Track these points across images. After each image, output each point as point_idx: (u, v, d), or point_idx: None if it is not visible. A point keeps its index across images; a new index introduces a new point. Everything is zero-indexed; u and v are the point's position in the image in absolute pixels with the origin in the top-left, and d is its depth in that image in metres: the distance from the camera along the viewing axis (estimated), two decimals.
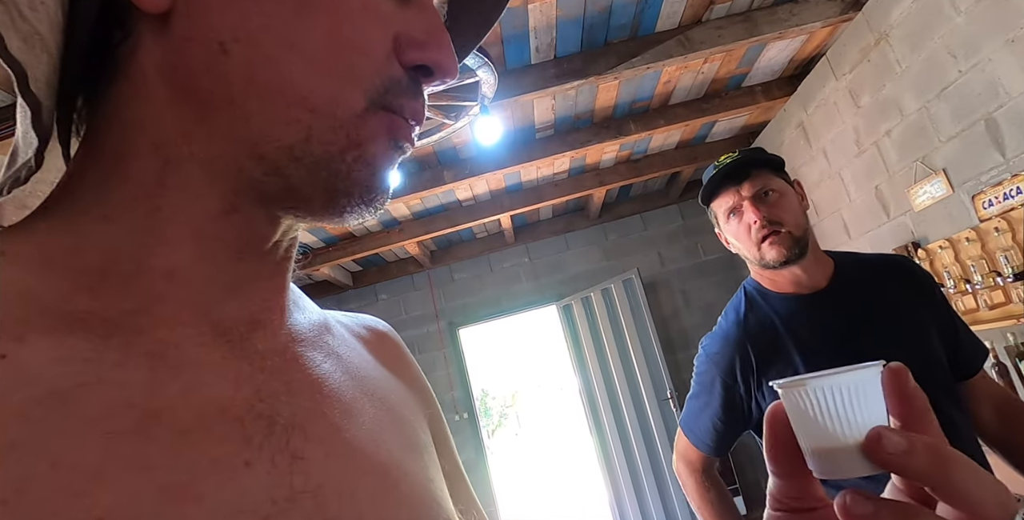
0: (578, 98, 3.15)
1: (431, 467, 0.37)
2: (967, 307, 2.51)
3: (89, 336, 0.26)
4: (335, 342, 0.37)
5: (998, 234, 2.26)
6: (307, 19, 0.28)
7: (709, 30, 2.68)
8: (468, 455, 4.98)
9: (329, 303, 5.27)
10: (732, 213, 1.15)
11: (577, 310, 4.94)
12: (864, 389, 0.27)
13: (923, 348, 1.08)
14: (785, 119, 3.74)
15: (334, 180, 0.29)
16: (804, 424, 0.28)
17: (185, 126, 0.28)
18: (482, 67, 1.93)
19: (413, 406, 0.40)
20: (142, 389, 0.26)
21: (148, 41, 0.28)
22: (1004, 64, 2.11)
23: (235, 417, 0.28)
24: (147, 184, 0.29)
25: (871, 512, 0.25)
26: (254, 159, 0.29)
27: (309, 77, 0.28)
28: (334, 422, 0.31)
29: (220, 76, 0.28)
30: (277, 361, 0.32)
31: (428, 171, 3.56)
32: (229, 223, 0.30)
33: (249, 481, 0.26)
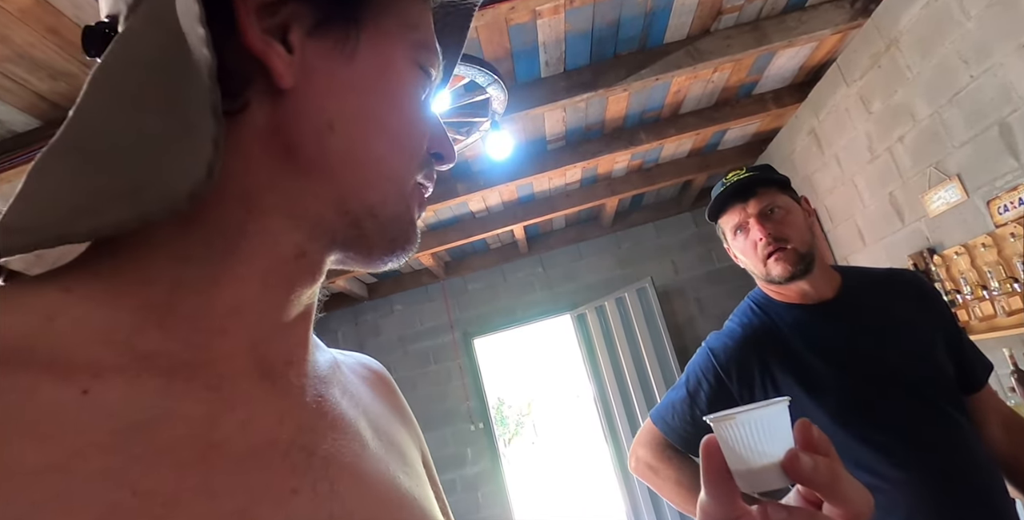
0: (588, 110, 3.18)
1: (431, 496, 0.41)
2: (985, 314, 2.49)
3: (157, 371, 0.28)
4: (346, 381, 0.41)
5: (1014, 239, 2.24)
6: (393, 111, 0.37)
7: (718, 40, 2.70)
8: (484, 465, 4.98)
9: (346, 314, 5.32)
10: (739, 230, 1.17)
11: (591, 319, 4.94)
12: (777, 420, 0.35)
13: (929, 360, 1.08)
14: (797, 126, 3.74)
15: (396, 234, 0.37)
16: (733, 448, 0.35)
17: (277, 182, 0.33)
18: (492, 84, 1.96)
19: (409, 442, 0.44)
20: (204, 422, 0.29)
21: (257, 109, 0.33)
22: (1016, 69, 2.10)
23: (282, 449, 0.31)
24: (228, 229, 0.32)
25: (785, 516, 0.33)
26: (339, 214, 0.35)
27: (391, 155, 0.36)
28: (357, 454, 0.35)
29: (323, 148, 0.34)
30: (309, 397, 0.35)
31: (441, 184, 3.60)
32: (296, 265, 0.34)
33: (297, 507, 0.29)
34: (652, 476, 1.19)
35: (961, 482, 1.00)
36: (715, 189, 1.21)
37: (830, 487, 0.33)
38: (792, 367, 1.08)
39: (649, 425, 1.22)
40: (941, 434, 1.03)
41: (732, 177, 1.18)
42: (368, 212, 0.36)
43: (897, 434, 1.03)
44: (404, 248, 0.38)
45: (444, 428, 5.07)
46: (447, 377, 5.16)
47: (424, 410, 5.10)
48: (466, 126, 2.29)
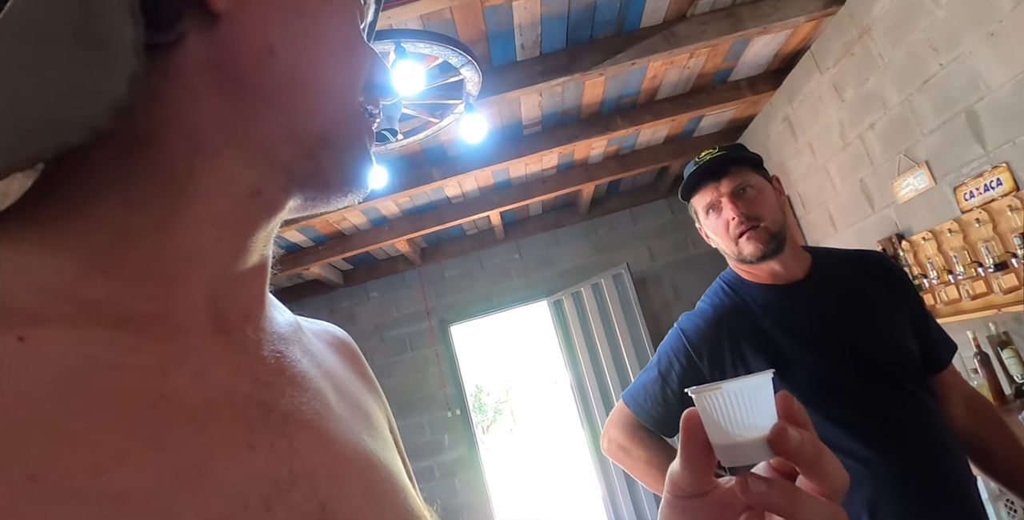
0: (565, 94, 3.16)
1: (397, 459, 0.40)
2: (950, 298, 2.55)
3: (104, 321, 0.27)
4: (308, 341, 0.40)
5: (979, 225, 2.29)
6: (332, 30, 0.35)
7: (693, 25, 2.69)
8: (461, 451, 5.00)
9: (321, 302, 5.26)
10: (711, 209, 1.17)
11: (568, 305, 4.96)
12: (761, 392, 0.34)
13: (896, 339, 1.10)
14: (771, 113, 3.77)
15: (350, 164, 0.36)
16: (716, 421, 0.34)
17: (224, 116, 0.31)
18: (466, 65, 1.93)
19: (374, 405, 0.43)
20: (154, 373, 0.27)
21: (193, 40, 0.31)
22: (984, 57, 2.13)
23: (238, 403, 0.29)
24: (176, 170, 0.30)
25: (765, 490, 0.32)
26: (292, 144, 0.33)
27: (336, 76, 0.35)
28: (318, 412, 0.33)
29: (267, 74, 0.32)
30: (266, 352, 0.34)
31: (416, 169, 3.56)
32: (252, 205, 0.33)
33: (253, 463, 0.28)
34: (624, 457, 1.19)
35: (925, 460, 1.02)
36: (687, 168, 1.21)
37: (814, 462, 0.33)
38: (762, 347, 1.09)
39: (621, 406, 1.22)
40: (907, 413, 1.05)
41: (705, 156, 1.18)
42: (320, 139, 0.34)
43: (864, 413, 1.04)
44: (363, 177, 0.37)
45: (421, 415, 5.07)
46: (424, 364, 5.15)
47: (401, 397, 5.09)
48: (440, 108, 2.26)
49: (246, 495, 0.26)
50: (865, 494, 1.00)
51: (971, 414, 1.16)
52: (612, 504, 4.71)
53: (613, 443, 1.22)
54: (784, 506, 0.32)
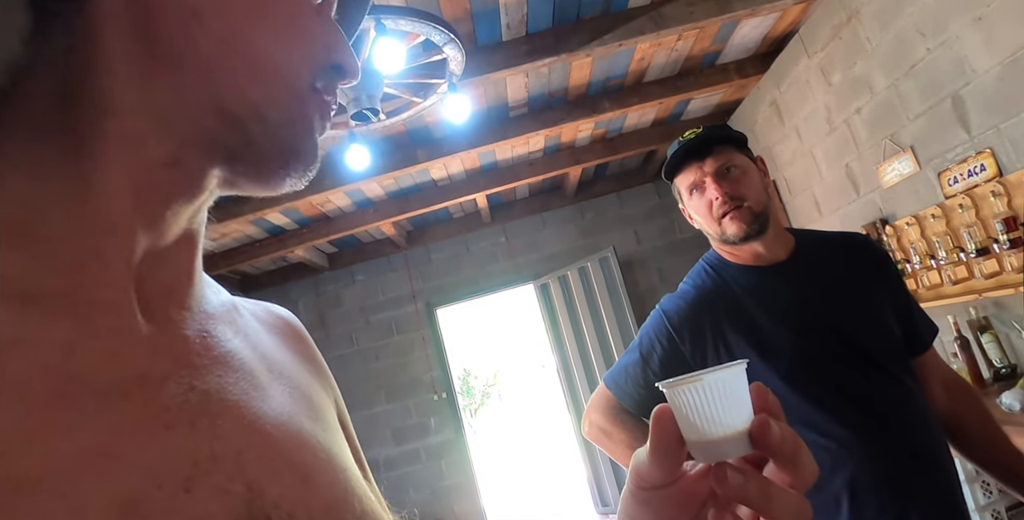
0: (551, 76, 3.12)
1: (340, 441, 0.39)
2: (932, 282, 2.56)
3: (10, 297, 0.25)
4: (243, 322, 0.38)
5: (962, 211, 2.30)
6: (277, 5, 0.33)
7: (681, 7, 2.66)
8: (447, 435, 5.02)
9: (307, 285, 5.23)
10: (695, 189, 1.15)
11: (554, 289, 4.96)
12: (735, 384, 0.32)
13: (878, 321, 1.10)
14: (759, 97, 3.75)
15: (290, 142, 0.33)
16: (687, 417, 0.32)
17: (139, 79, 0.29)
18: (448, 43, 1.89)
19: (319, 390, 0.42)
20: (62, 352, 0.26)
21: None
22: (971, 42, 2.12)
23: (154, 383, 0.28)
24: (86, 133, 0.28)
25: (742, 483, 0.32)
26: (216, 114, 0.31)
27: (275, 48, 0.33)
28: (247, 392, 0.32)
29: (190, 39, 0.30)
30: (191, 332, 0.33)
31: (401, 150, 3.52)
32: (169, 175, 0.31)
33: (170, 443, 0.27)
34: (605, 439, 1.19)
35: (905, 441, 1.03)
36: (671, 148, 1.19)
37: (792, 457, 0.32)
38: (744, 328, 1.09)
39: (602, 389, 1.22)
40: (888, 394, 1.05)
41: (689, 135, 1.16)
42: (253, 112, 0.32)
43: (845, 394, 1.05)
44: (301, 161, 0.34)
45: (407, 398, 5.07)
46: (410, 347, 5.15)
47: (387, 381, 5.09)
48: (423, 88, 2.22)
49: (160, 475, 0.26)
50: (845, 475, 1.01)
51: (950, 395, 1.16)
52: (597, 486, 4.76)
53: (594, 426, 1.21)
54: (759, 499, 0.31)
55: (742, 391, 0.33)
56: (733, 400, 0.32)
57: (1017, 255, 2.08)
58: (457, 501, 4.95)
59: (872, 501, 0.99)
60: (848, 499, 1.00)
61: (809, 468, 0.33)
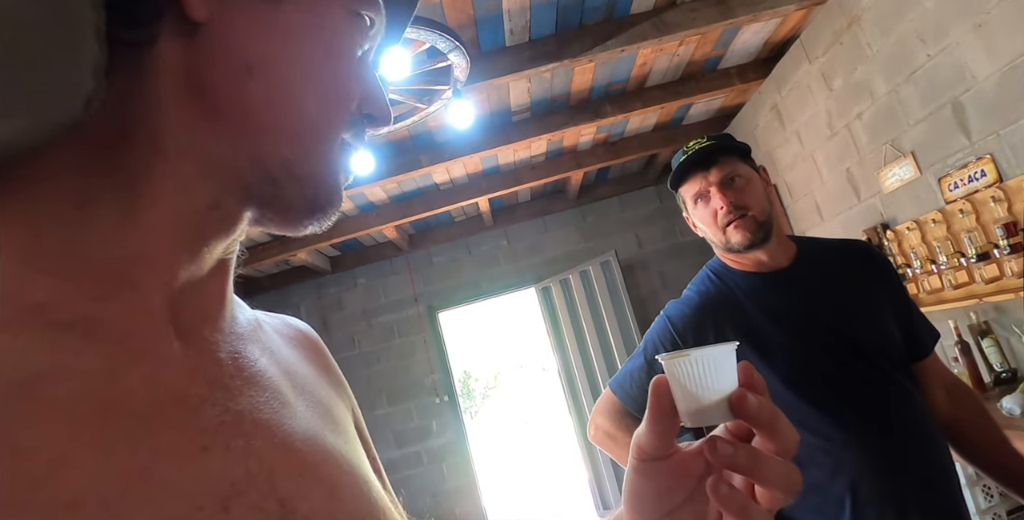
0: (554, 81, 3.13)
1: (360, 453, 0.40)
2: (933, 287, 2.58)
3: (50, 324, 0.26)
4: (267, 339, 0.40)
5: (963, 216, 2.32)
6: (321, 60, 0.35)
7: (683, 12, 2.68)
8: (449, 437, 5.03)
9: (308, 288, 5.24)
10: (699, 198, 1.18)
11: (556, 292, 4.97)
12: (726, 360, 0.37)
13: (879, 326, 1.12)
14: (760, 102, 3.76)
15: (315, 195, 0.35)
16: (683, 386, 0.37)
17: (189, 125, 0.31)
18: (453, 51, 1.91)
19: (337, 401, 0.43)
20: (102, 377, 0.26)
21: (167, 45, 0.30)
22: (971, 48, 2.14)
23: (192, 405, 0.29)
24: (134, 172, 0.30)
25: (731, 453, 0.35)
26: (254, 166, 0.32)
27: (318, 107, 0.34)
28: (276, 411, 0.33)
29: (240, 93, 0.31)
30: (223, 354, 0.34)
31: (404, 155, 3.53)
32: (209, 217, 0.32)
33: (208, 465, 0.28)
34: (610, 444, 1.21)
35: (906, 444, 1.04)
36: (675, 157, 1.21)
37: (770, 424, 0.35)
38: (747, 333, 1.10)
39: (608, 394, 1.23)
40: (889, 399, 1.07)
41: (693, 145, 1.18)
42: (285, 169, 0.33)
43: (846, 398, 1.06)
44: (325, 211, 0.36)
45: (409, 401, 5.08)
46: (412, 350, 5.15)
47: (389, 384, 5.10)
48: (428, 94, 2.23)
49: (201, 497, 0.26)
50: (848, 477, 1.02)
51: (951, 400, 1.17)
52: (598, 488, 4.77)
53: (600, 430, 1.23)
54: (748, 466, 0.34)
55: (730, 366, 0.37)
56: (722, 373, 0.36)
57: (1017, 260, 2.10)
58: (459, 503, 4.95)
59: (874, 503, 1.01)
60: (850, 500, 1.01)
61: (789, 436, 0.35)
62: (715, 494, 0.35)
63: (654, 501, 0.40)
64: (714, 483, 0.35)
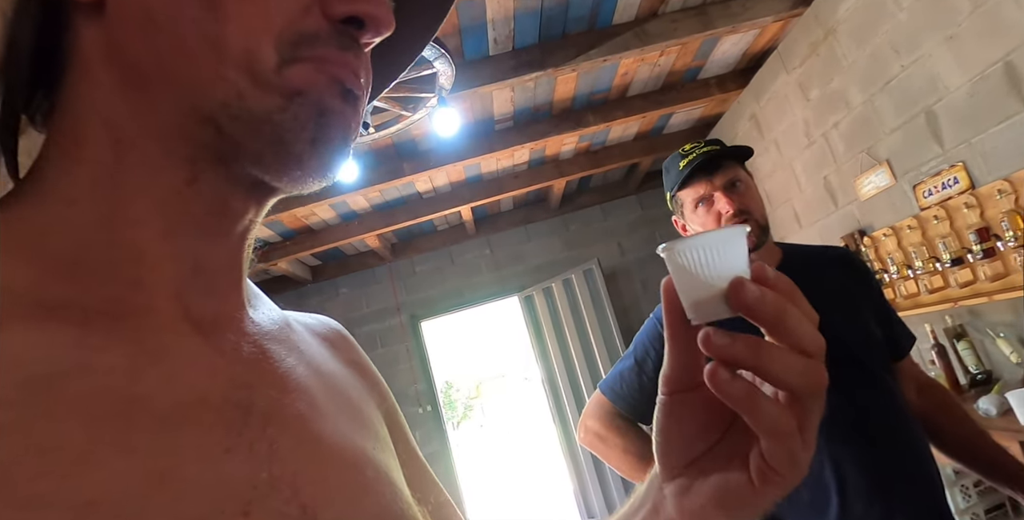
0: (537, 90, 3.16)
1: (389, 457, 0.38)
2: (909, 292, 2.63)
3: (67, 323, 0.26)
4: (296, 338, 0.38)
5: (937, 222, 2.37)
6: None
7: (665, 23, 2.72)
8: (433, 448, 4.98)
9: (289, 298, 5.17)
10: (702, 202, 1.20)
11: (539, 301, 4.97)
12: (730, 245, 0.31)
13: (862, 327, 1.15)
14: (739, 111, 3.83)
15: (280, 133, 0.29)
16: (684, 278, 0.32)
17: (132, 103, 0.30)
18: (439, 58, 1.92)
19: (369, 401, 0.42)
20: (124, 375, 0.26)
21: (86, 28, 0.30)
22: (943, 60, 2.20)
23: (214, 405, 0.28)
24: (105, 163, 0.29)
25: (729, 342, 0.30)
26: (199, 122, 0.29)
27: (227, 33, 0.28)
28: (302, 413, 0.32)
29: (154, 48, 0.29)
30: (246, 353, 0.33)
31: (387, 163, 3.52)
32: (192, 193, 0.30)
33: (230, 467, 0.27)
34: (601, 445, 1.21)
35: (891, 442, 1.07)
36: (673, 160, 1.23)
37: (774, 321, 0.30)
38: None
39: (598, 396, 1.24)
40: (874, 396, 1.10)
41: (692, 149, 1.21)
42: (225, 112, 0.29)
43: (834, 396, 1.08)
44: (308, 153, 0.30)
45: None
46: (394, 360, 5.11)
47: None
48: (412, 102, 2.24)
49: (222, 500, 0.26)
50: (836, 474, 1.05)
51: (924, 397, 1.22)
52: (583, 498, 4.75)
53: (590, 432, 1.23)
54: (749, 357, 0.29)
55: (738, 253, 0.31)
56: (728, 260, 0.31)
57: (990, 264, 2.15)
58: None
59: (862, 497, 1.03)
60: (838, 495, 1.04)
61: (805, 335, 0.30)
62: (713, 382, 0.30)
63: (684, 442, 0.35)
64: (712, 369, 0.30)
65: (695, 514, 0.35)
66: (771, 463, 0.31)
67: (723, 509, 0.34)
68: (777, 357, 0.29)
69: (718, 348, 0.30)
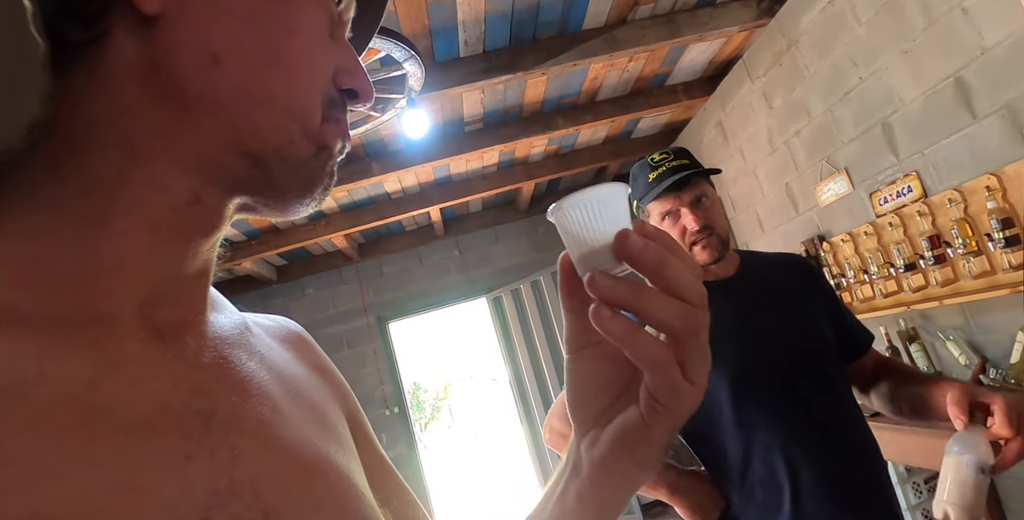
0: (507, 92, 3.17)
1: (352, 460, 0.39)
2: (865, 295, 2.72)
3: (30, 333, 0.26)
4: (256, 342, 0.39)
5: (892, 228, 2.46)
6: (291, 40, 0.33)
7: (633, 30, 2.76)
8: (400, 450, 4.95)
9: (253, 298, 5.08)
10: (668, 215, 1.23)
11: (507, 302, 4.98)
12: (611, 202, 0.34)
13: (815, 331, 1.20)
14: (705, 118, 3.90)
15: (310, 176, 0.34)
16: (572, 235, 0.34)
17: (161, 123, 0.30)
18: (408, 60, 1.91)
19: (332, 403, 0.42)
20: (85, 385, 0.26)
21: (125, 41, 0.29)
22: (898, 73, 2.28)
23: (175, 413, 0.29)
24: (106, 176, 0.29)
25: (612, 284, 0.32)
26: (238, 155, 0.32)
27: (291, 90, 0.33)
28: (264, 418, 0.33)
29: (210, 83, 0.30)
30: (207, 359, 0.33)
31: (355, 163, 3.49)
32: (191, 213, 0.32)
33: (191, 474, 0.27)
34: (564, 444, 1.23)
35: (842, 439, 1.12)
36: (641, 170, 1.26)
37: (655, 269, 0.31)
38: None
39: (561, 397, 1.26)
40: (827, 398, 1.15)
41: (662, 161, 1.24)
42: (274, 154, 0.33)
43: (786, 397, 1.13)
44: (322, 189, 0.36)
45: None
46: (361, 362, 5.06)
47: None
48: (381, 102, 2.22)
49: (181, 507, 0.26)
50: (788, 471, 1.09)
51: (879, 364, 1.30)
52: None
53: (554, 432, 1.25)
54: (630, 298, 0.31)
55: (621, 210, 0.34)
56: (611, 216, 0.33)
57: (941, 270, 2.24)
58: None
59: (813, 495, 1.08)
60: (790, 492, 1.08)
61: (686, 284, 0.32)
62: (595, 319, 0.32)
63: (591, 396, 0.38)
64: (595, 308, 0.32)
65: (604, 460, 0.37)
66: (655, 396, 0.33)
67: (625, 450, 0.36)
68: (657, 300, 0.31)
69: (601, 289, 0.32)
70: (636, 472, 0.37)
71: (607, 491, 0.38)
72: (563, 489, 0.39)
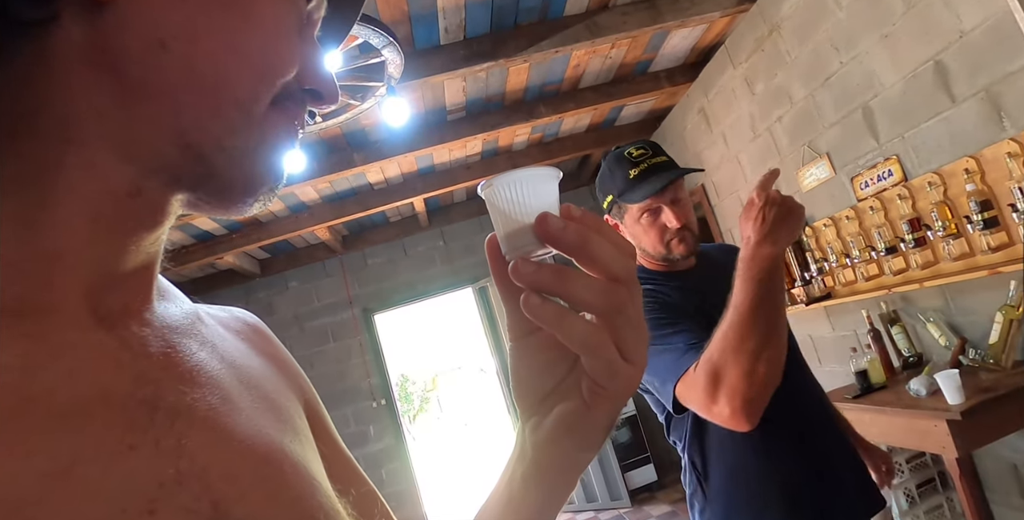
0: (489, 80, 3.14)
1: (308, 450, 0.38)
2: (847, 279, 2.74)
3: None
4: (208, 332, 0.38)
5: (873, 212, 2.48)
6: (247, 31, 0.32)
7: (615, 16, 2.74)
8: (388, 442, 4.95)
9: (237, 293, 5.03)
10: (647, 212, 1.26)
11: (493, 292, 4.98)
12: (540, 184, 0.34)
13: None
14: (688, 104, 3.90)
15: (253, 169, 0.33)
16: (500, 214, 0.34)
17: (102, 109, 0.29)
18: (387, 47, 1.88)
19: (288, 393, 0.42)
20: (19, 373, 0.25)
21: (72, 23, 0.28)
22: (879, 57, 2.29)
23: (117, 402, 0.28)
24: (44, 163, 0.28)
25: (534, 270, 0.32)
26: (179, 147, 0.30)
27: (241, 80, 0.31)
28: (213, 407, 0.32)
29: (155, 68, 0.29)
30: (154, 348, 0.32)
31: (337, 153, 3.45)
32: (132, 205, 0.30)
33: (134, 465, 0.26)
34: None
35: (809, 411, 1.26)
36: (619, 164, 1.28)
37: (578, 248, 0.32)
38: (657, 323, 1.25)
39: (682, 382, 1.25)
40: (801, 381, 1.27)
41: (641, 157, 1.26)
42: (215, 145, 0.31)
43: None
44: (267, 185, 0.34)
45: (345, 407, 4.96)
46: (347, 354, 5.04)
47: (324, 389, 4.95)
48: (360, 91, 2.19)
49: (125, 499, 0.25)
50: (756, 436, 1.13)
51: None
52: None
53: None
54: (553, 283, 0.32)
55: (549, 192, 0.34)
56: (539, 197, 0.34)
57: (921, 253, 2.26)
58: (399, 509, 4.88)
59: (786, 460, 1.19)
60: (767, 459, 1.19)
61: (611, 261, 0.32)
62: (525, 307, 0.33)
63: (534, 380, 0.39)
64: (524, 296, 0.33)
65: (548, 444, 0.38)
66: (593, 377, 0.34)
67: (568, 434, 0.37)
68: (579, 281, 0.32)
69: (524, 276, 0.32)
70: (579, 453, 0.38)
71: (552, 473, 0.39)
72: (511, 474, 0.41)
